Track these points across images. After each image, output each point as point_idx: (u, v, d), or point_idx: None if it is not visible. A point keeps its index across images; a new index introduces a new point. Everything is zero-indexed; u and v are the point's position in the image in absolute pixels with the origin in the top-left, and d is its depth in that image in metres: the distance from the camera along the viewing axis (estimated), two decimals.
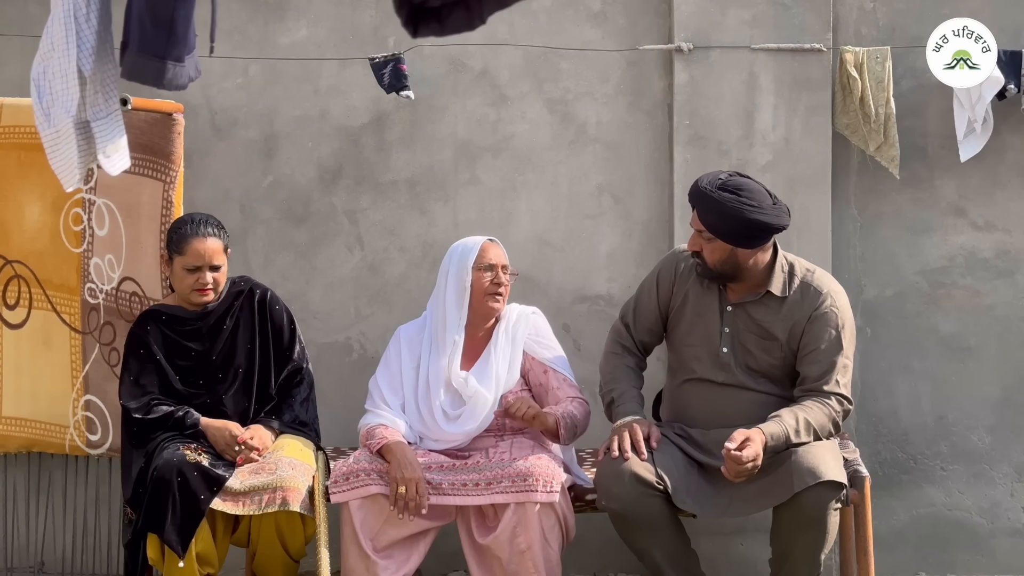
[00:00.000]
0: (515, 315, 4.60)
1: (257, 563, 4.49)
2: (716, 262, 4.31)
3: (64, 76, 3.38)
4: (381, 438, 4.39)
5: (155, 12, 3.31)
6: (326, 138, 5.17)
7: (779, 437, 4.17)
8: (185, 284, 4.54)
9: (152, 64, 3.33)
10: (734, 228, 4.24)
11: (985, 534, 5.15)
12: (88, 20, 3.38)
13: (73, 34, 3.37)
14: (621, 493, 4.23)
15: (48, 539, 5.18)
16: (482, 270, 4.51)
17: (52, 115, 3.42)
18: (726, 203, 4.22)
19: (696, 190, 4.31)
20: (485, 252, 4.52)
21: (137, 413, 4.48)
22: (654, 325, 4.54)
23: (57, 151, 3.44)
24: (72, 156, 3.43)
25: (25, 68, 5.11)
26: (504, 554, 4.28)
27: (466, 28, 2.82)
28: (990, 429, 5.14)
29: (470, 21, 2.81)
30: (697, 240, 4.33)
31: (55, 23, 3.40)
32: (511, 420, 4.46)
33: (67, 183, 3.46)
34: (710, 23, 5.02)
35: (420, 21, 2.81)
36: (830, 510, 4.16)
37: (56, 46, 3.39)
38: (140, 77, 3.36)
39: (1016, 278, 5.13)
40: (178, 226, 4.57)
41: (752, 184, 4.29)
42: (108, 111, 3.46)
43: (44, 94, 3.44)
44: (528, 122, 5.15)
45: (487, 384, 4.49)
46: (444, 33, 2.83)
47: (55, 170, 3.47)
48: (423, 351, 4.57)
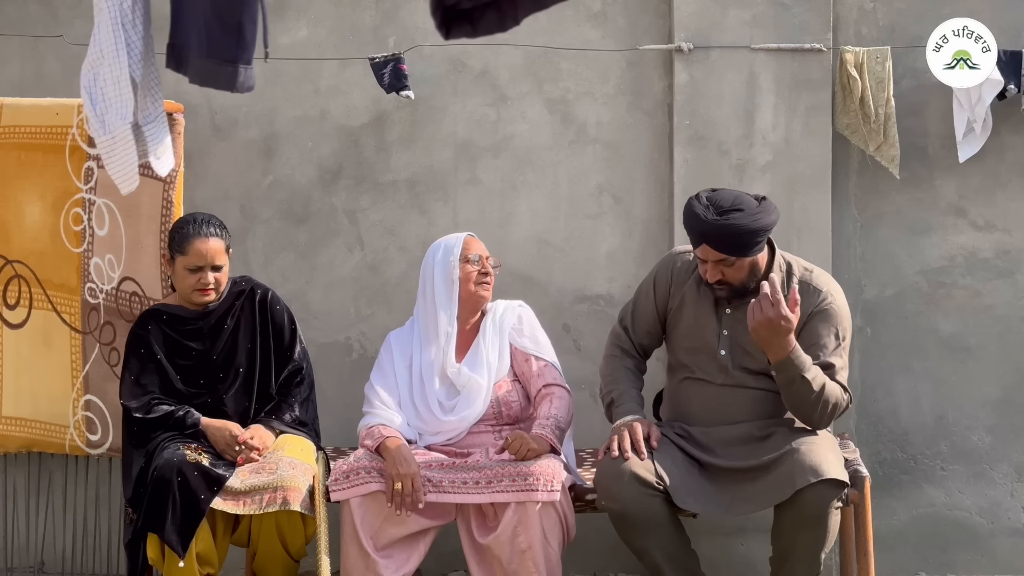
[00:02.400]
0: (502, 308, 4.67)
1: (257, 563, 4.49)
2: (742, 280, 4.30)
3: (116, 83, 3.42)
4: (379, 436, 4.41)
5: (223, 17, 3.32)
6: (326, 138, 5.17)
7: (802, 359, 4.15)
8: (187, 284, 4.55)
9: (224, 69, 3.35)
10: (748, 241, 4.24)
11: (985, 534, 5.15)
12: (135, 27, 3.41)
13: (123, 42, 3.39)
14: (621, 493, 4.23)
15: (48, 539, 5.18)
16: (468, 262, 4.58)
17: (107, 122, 3.46)
18: (736, 222, 4.20)
19: (700, 225, 4.23)
20: (468, 245, 4.60)
21: (137, 413, 4.49)
22: (652, 328, 4.54)
23: (114, 156, 3.48)
24: (131, 161, 3.47)
25: (25, 68, 5.17)
26: (505, 554, 4.28)
27: (498, 29, 2.83)
28: (990, 429, 5.14)
29: (502, 22, 2.81)
30: (715, 270, 4.28)
31: (102, 30, 3.42)
32: (508, 419, 4.49)
33: (124, 187, 3.51)
34: (710, 23, 5.02)
35: (453, 23, 2.82)
36: (831, 508, 4.16)
37: (105, 53, 3.42)
38: (212, 82, 3.39)
39: (1016, 278, 5.13)
40: (180, 226, 4.57)
41: (735, 193, 4.30)
42: (156, 114, 3.51)
43: (97, 101, 3.46)
44: (528, 122, 5.15)
45: (480, 372, 4.53)
46: (477, 35, 2.84)
47: (112, 175, 3.51)
48: (413, 350, 4.62)
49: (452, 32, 2.82)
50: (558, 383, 4.55)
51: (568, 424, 4.49)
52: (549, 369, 4.58)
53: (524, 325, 4.64)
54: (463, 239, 4.61)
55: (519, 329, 4.63)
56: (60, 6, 5.16)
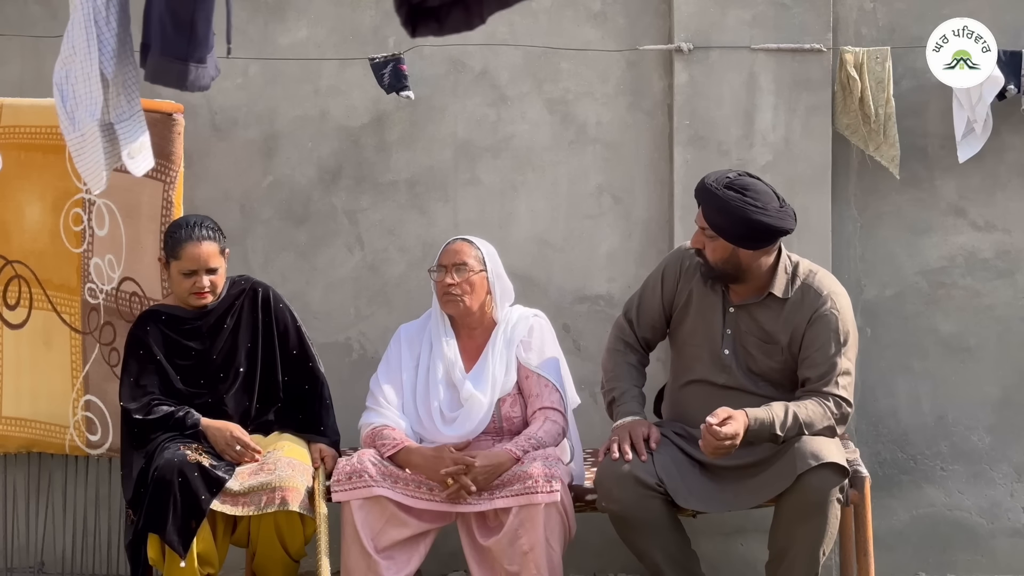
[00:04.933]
0: (515, 317, 4.59)
1: (257, 563, 4.49)
2: (717, 261, 4.30)
3: (87, 79, 3.40)
4: (393, 441, 4.39)
5: (175, 14, 3.32)
6: (326, 138, 5.17)
7: (763, 423, 4.13)
8: (182, 288, 4.54)
9: (175, 66, 3.35)
10: (736, 228, 4.23)
11: (985, 534, 5.15)
12: (108, 23, 3.40)
13: (94, 38, 3.38)
14: (621, 495, 4.23)
15: (48, 539, 5.18)
16: (436, 271, 4.53)
17: (77, 119, 3.44)
18: (730, 202, 4.21)
19: (702, 186, 4.29)
20: (442, 252, 4.54)
21: (137, 414, 4.48)
22: (657, 322, 4.52)
23: (83, 154, 3.47)
24: (99, 159, 3.45)
25: (25, 68, 5.16)
26: (506, 555, 4.28)
27: (465, 28, 2.82)
28: (990, 429, 5.14)
29: (469, 21, 2.80)
30: (700, 237, 4.32)
31: (75, 27, 3.41)
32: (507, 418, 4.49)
33: (94, 185, 3.49)
34: (710, 23, 5.02)
35: (419, 20, 2.81)
36: (832, 497, 4.15)
37: (77, 50, 3.41)
38: (164, 80, 3.38)
39: (1016, 278, 5.13)
40: (173, 231, 4.57)
41: (760, 185, 4.28)
42: (131, 112, 3.49)
43: (68, 98, 3.46)
44: (528, 122, 5.15)
45: (483, 387, 4.49)
46: (443, 33, 2.83)
47: (82, 173, 3.49)
48: (423, 350, 4.58)
49: (418, 30, 2.81)
50: (555, 407, 4.48)
51: (552, 447, 4.43)
52: (550, 390, 4.50)
53: (533, 338, 4.55)
54: (444, 245, 4.57)
55: (527, 343, 4.54)
56: (60, 6, 5.14)
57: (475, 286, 4.51)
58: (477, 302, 4.52)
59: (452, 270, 4.49)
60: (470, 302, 4.50)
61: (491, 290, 4.55)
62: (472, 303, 4.51)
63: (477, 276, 4.51)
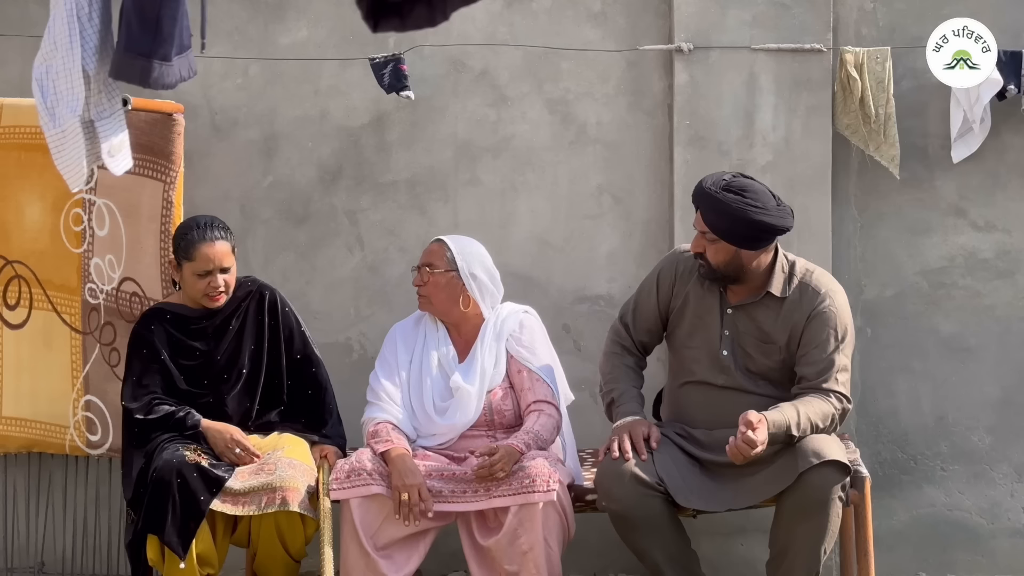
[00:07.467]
0: (505, 312, 4.62)
1: (257, 563, 4.49)
2: (720, 263, 4.30)
3: (68, 75, 3.38)
4: (386, 441, 4.40)
5: (141, 11, 3.30)
6: (326, 138, 5.17)
7: (780, 426, 4.15)
8: (197, 289, 4.54)
9: (137, 63, 3.32)
10: (738, 229, 4.24)
11: (985, 534, 5.15)
12: (91, 19, 3.38)
13: (77, 34, 3.37)
14: (621, 494, 4.23)
15: (48, 539, 5.18)
16: (413, 271, 4.62)
17: (57, 115, 3.42)
18: (730, 204, 4.22)
19: (700, 191, 4.30)
20: (424, 253, 4.62)
21: (138, 414, 4.48)
22: (653, 326, 4.53)
23: (63, 151, 3.44)
24: (79, 156, 3.43)
25: (26, 68, 5.12)
26: (506, 555, 4.28)
27: (428, 24, 2.78)
28: (990, 429, 5.14)
29: (432, 17, 2.77)
30: (701, 242, 4.32)
31: (57, 22, 3.39)
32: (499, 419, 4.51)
33: (73, 183, 3.47)
34: (710, 23, 5.02)
35: (381, 16, 2.78)
36: (834, 495, 4.15)
37: (59, 45, 3.39)
38: (126, 76, 3.36)
39: (1016, 278, 5.13)
40: (184, 232, 4.56)
41: (756, 185, 4.29)
42: (111, 110, 3.46)
43: (48, 94, 3.44)
44: (528, 122, 5.15)
45: (471, 379, 4.51)
46: (405, 28, 2.79)
47: (61, 170, 3.47)
48: (416, 346, 4.61)
49: (380, 25, 2.78)
50: (548, 400, 4.49)
51: (549, 443, 4.44)
52: (541, 384, 4.52)
53: (524, 333, 4.58)
54: (428, 245, 4.63)
55: (518, 337, 4.57)
56: None
57: (440, 286, 4.55)
58: (446, 301, 4.56)
59: (421, 271, 4.58)
60: (436, 301, 4.57)
61: (466, 289, 4.55)
62: (439, 302, 4.57)
63: (444, 276, 4.55)
